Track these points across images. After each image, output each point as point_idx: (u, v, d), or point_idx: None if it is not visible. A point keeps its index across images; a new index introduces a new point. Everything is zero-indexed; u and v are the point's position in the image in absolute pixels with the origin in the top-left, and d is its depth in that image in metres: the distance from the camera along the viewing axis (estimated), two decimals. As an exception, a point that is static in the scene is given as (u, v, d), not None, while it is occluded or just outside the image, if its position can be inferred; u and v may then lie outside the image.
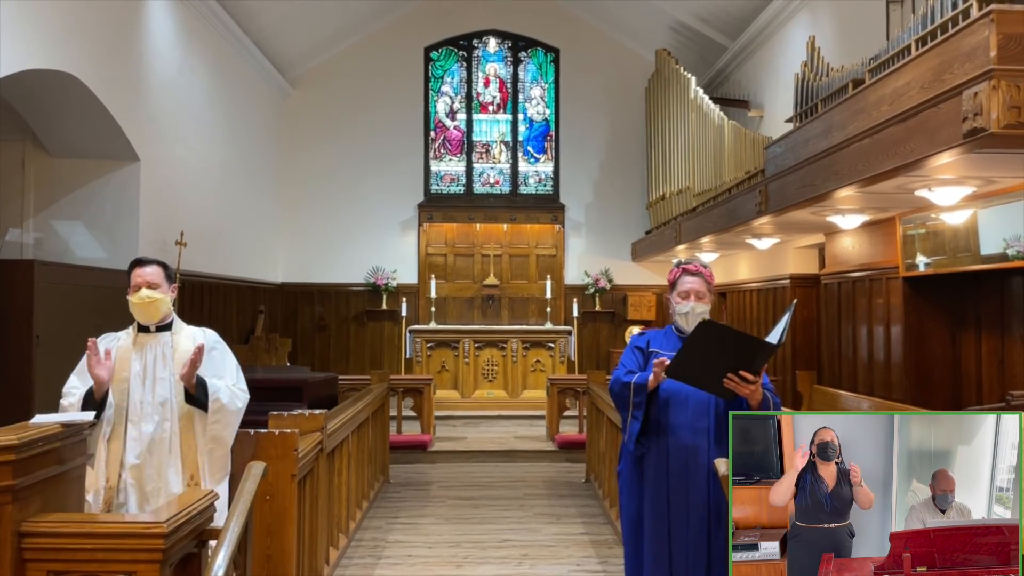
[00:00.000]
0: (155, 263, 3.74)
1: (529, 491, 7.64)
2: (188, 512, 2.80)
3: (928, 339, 6.65)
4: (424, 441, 9.31)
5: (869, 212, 6.48)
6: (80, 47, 6.57)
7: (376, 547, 5.81)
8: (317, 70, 13.14)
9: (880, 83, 4.92)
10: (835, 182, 5.41)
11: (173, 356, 3.67)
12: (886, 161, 4.69)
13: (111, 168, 7.61)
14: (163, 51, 8.37)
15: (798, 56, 8.82)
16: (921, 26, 4.76)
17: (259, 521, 3.72)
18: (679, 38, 12.29)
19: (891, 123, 4.63)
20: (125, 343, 3.69)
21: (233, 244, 10.61)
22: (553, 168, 13.50)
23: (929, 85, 4.31)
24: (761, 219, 7.08)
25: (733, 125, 8.96)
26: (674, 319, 3.40)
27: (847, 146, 5.21)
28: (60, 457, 2.95)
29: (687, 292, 3.35)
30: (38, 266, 6.10)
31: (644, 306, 13.06)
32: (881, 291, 7.03)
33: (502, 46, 13.58)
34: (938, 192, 5.13)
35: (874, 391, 7.06)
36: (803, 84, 6.68)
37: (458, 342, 11.83)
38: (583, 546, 5.84)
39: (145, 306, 3.65)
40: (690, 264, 3.43)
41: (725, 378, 3.07)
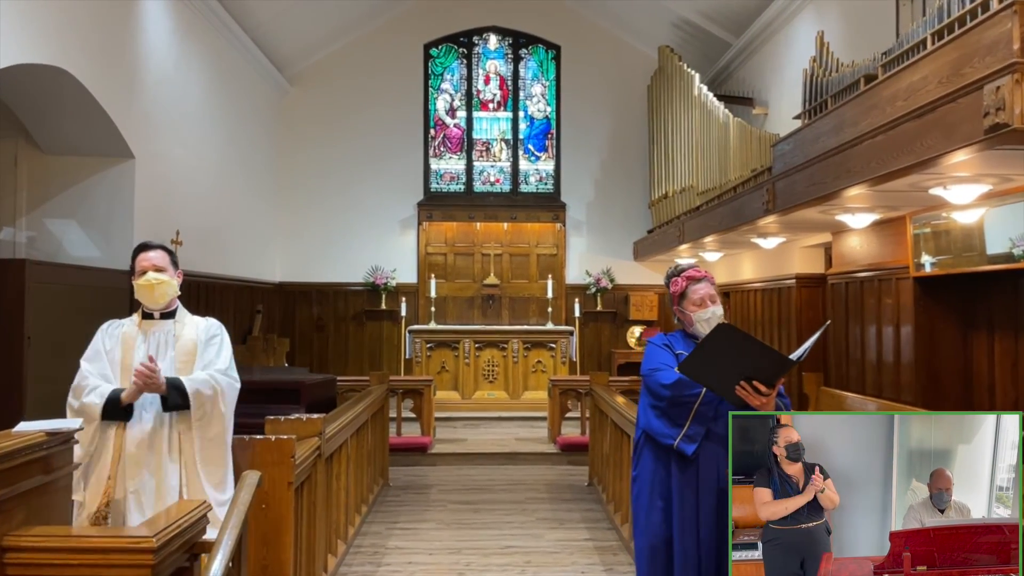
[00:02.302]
0: (160, 247, 3.67)
1: (531, 495, 7.51)
2: (179, 525, 2.67)
3: (939, 340, 6.52)
4: (424, 443, 9.18)
5: (879, 211, 6.35)
6: (74, 41, 6.42)
7: (376, 553, 5.67)
8: (315, 67, 12.99)
9: (894, 78, 4.78)
10: (846, 180, 5.27)
11: (176, 345, 3.58)
12: (901, 158, 4.55)
13: (105, 165, 7.47)
14: (159, 46, 8.22)
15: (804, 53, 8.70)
16: (937, 19, 4.63)
17: (254, 531, 3.59)
18: (682, 35, 12.15)
19: (907, 119, 4.49)
20: (130, 329, 3.61)
21: (230, 243, 10.46)
22: (554, 166, 13.36)
23: (947, 79, 4.17)
24: (768, 218, 6.94)
25: (739, 122, 8.82)
26: (691, 328, 3.26)
27: (859, 143, 5.07)
28: (45, 467, 2.82)
29: (701, 299, 3.24)
30: (30, 265, 5.96)
31: (646, 306, 12.93)
32: (891, 291, 6.90)
33: (503, 43, 13.44)
34: (953, 190, 5.00)
35: (883, 393, 6.93)
36: (812, 80, 6.54)
37: (458, 342, 11.69)
38: (587, 552, 5.70)
39: (152, 288, 3.55)
40: (692, 270, 3.33)
41: (738, 385, 2.95)
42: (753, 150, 8.14)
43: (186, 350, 3.59)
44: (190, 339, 3.60)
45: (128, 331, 3.60)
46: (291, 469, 3.73)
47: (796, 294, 9.08)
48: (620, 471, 6.26)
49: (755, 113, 10.42)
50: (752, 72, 10.98)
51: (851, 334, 7.66)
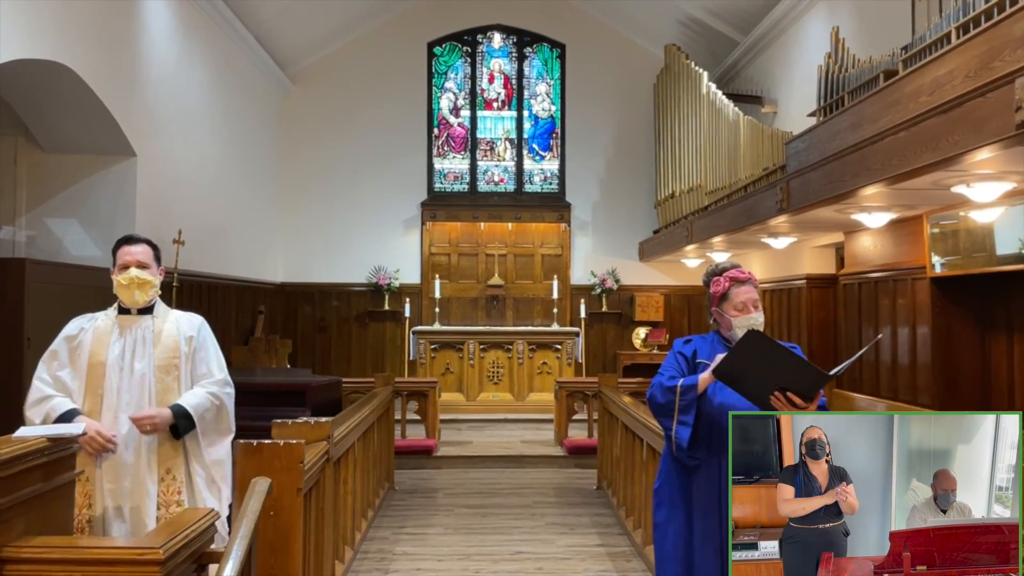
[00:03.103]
0: (145, 242, 3.50)
1: (539, 499, 7.39)
2: (186, 535, 2.55)
3: (956, 341, 6.39)
4: (429, 446, 9.06)
5: (896, 209, 6.23)
6: (74, 37, 6.30)
7: (383, 559, 5.55)
8: (318, 66, 12.87)
9: (917, 73, 4.67)
10: (866, 178, 5.15)
11: (155, 343, 3.41)
12: (925, 155, 4.43)
13: (106, 164, 7.34)
14: (161, 43, 8.10)
15: (815, 50, 8.58)
16: (962, 12, 4.51)
17: (262, 540, 3.46)
18: (688, 33, 12.04)
19: (931, 115, 4.37)
20: (104, 324, 3.42)
21: (232, 243, 10.34)
22: (559, 166, 13.23)
23: (975, 73, 4.06)
24: (781, 217, 6.82)
25: (750, 120, 8.70)
26: (729, 332, 3.09)
27: (880, 140, 4.95)
28: (46, 474, 2.70)
29: (744, 304, 3.07)
30: (30, 265, 5.84)
31: (652, 307, 12.79)
32: (906, 291, 6.77)
33: (507, 41, 13.32)
34: (977, 188, 4.87)
35: (899, 395, 6.81)
36: (827, 77, 6.42)
37: (462, 343, 11.56)
38: (600, 559, 5.58)
39: (135, 287, 3.38)
40: (736, 270, 3.15)
41: (772, 395, 2.83)
42: (765, 148, 8.01)
43: (167, 348, 3.42)
44: (171, 336, 3.43)
45: (102, 326, 3.42)
46: (300, 475, 3.60)
47: (806, 295, 8.96)
48: (631, 475, 6.14)
49: (764, 112, 10.30)
50: (760, 70, 10.86)
51: (864, 336, 7.53)
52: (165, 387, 3.40)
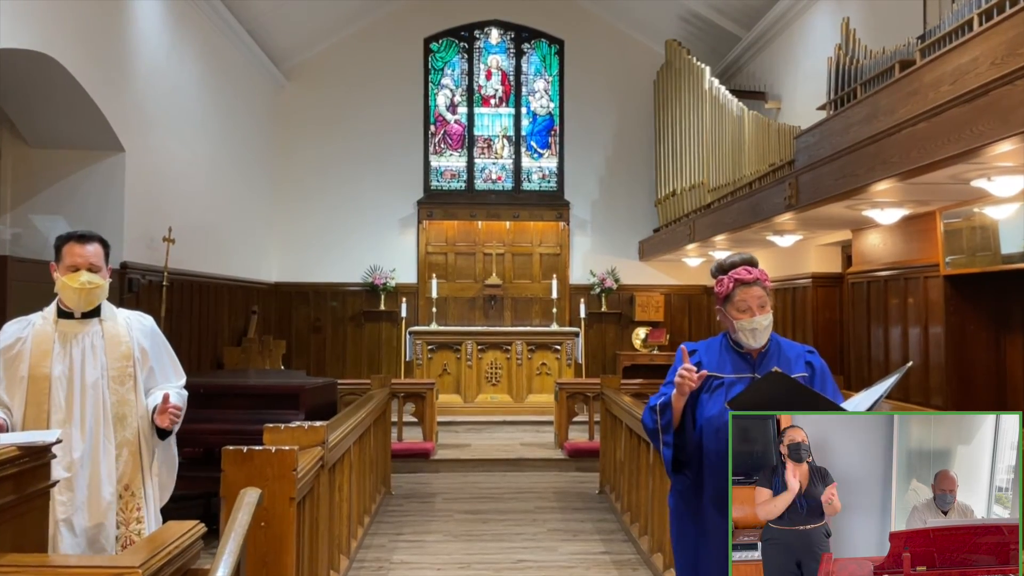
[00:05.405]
0: (98, 240, 3.16)
1: (540, 503, 7.18)
2: (168, 552, 2.34)
3: (970, 341, 6.22)
4: (427, 449, 8.85)
5: (909, 205, 6.05)
6: (60, 27, 6.08)
7: (380, 568, 5.34)
8: (313, 61, 12.65)
9: (938, 61, 4.48)
10: (882, 172, 4.96)
11: (106, 350, 3.10)
12: (947, 146, 4.24)
13: (94, 159, 7.13)
14: (150, 36, 7.88)
15: (821, 44, 8.41)
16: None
17: (253, 552, 3.25)
18: (689, 28, 11.85)
19: (953, 104, 4.19)
20: (42, 330, 3.05)
21: (224, 241, 10.11)
22: (557, 164, 13.03)
23: (1003, 60, 3.87)
24: (788, 214, 6.63)
25: (755, 115, 8.51)
26: (734, 335, 2.83)
27: (897, 132, 4.76)
28: (17, 486, 2.49)
29: (748, 306, 2.78)
30: (12, 263, 5.64)
31: (652, 307, 12.60)
32: (918, 290, 6.60)
33: (504, 37, 13.12)
34: (997, 181, 4.69)
35: (910, 396, 6.62)
36: (838, 68, 6.24)
37: (460, 344, 11.35)
38: (605, 567, 5.38)
39: (85, 293, 3.06)
40: (742, 270, 2.83)
41: None
42: (771, 143, 7.82)
43: (120, 356, 3.13)
44: (123, 343, 3.14)
45: (41, 333, 3.06)
46: (293, 483, 3.40)
47: (812, 294, 8.79)
48: (636, 479, 5.95)
49: (767, 107, 10.12)
50: (763, 66, 10.68)
51: (873, 336, 7.36)
52: (121, 398, 3.13)
